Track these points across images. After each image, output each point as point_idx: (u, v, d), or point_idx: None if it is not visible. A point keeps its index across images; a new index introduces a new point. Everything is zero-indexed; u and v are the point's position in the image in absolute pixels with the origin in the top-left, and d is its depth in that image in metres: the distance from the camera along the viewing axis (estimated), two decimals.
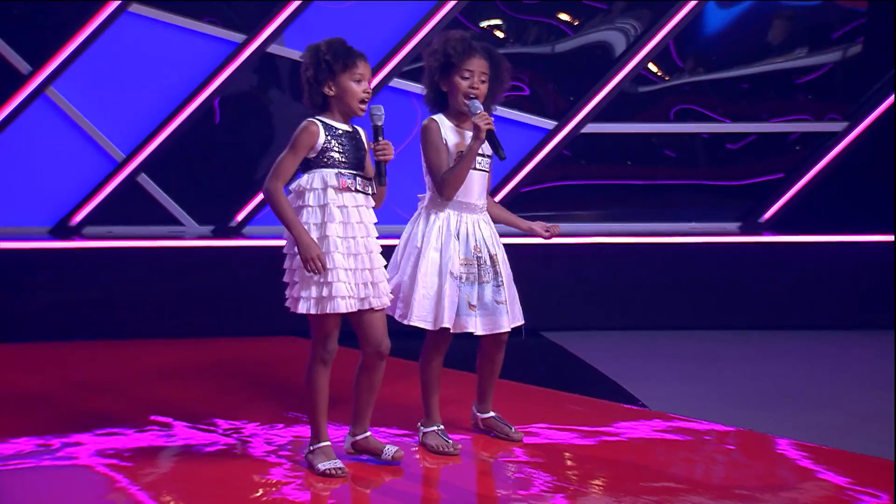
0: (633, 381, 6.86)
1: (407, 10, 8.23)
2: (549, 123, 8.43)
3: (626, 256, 8.28)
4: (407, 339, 5.64)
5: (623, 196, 8.76)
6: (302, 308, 5.01)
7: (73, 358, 7.32)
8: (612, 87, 8.44)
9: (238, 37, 8.14)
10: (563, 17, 8.62)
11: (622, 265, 8.27)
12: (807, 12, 8.81)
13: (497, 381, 5.70)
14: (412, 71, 8.18)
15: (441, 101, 5.45)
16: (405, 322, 5.39)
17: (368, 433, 5.32)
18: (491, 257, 5.42)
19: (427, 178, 5.43)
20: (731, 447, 5.82)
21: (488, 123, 5.28)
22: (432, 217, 5.40)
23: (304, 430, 5.62)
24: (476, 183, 5.41)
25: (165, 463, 5.37)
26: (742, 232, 8.59)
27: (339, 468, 5.13)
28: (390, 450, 5.26)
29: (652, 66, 8.62)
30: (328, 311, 5.00)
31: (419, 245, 5.37)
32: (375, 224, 5.13)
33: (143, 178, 8.14)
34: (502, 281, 5.43)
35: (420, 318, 5.35)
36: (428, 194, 5.45)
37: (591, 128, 8.48)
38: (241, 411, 6.09)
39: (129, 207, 8.12)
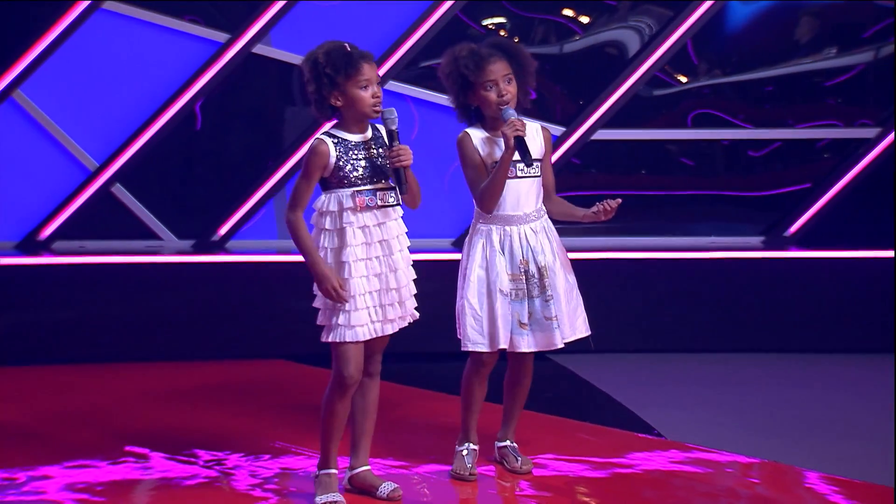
0: (648, 408, 6.85)
1: (403, 8, 8.22)
2: (557, 129, 8.41)
3: (639, 273, 8.26)
4: (404, 363, 5.62)
5: (636, 208, 8.73)
6: (326, 337, 5.09)
7: (40, 384, 7.30)
8: (624, 90, 8.43)
9: (221, 36, 8.13)
10: (572, 14, 8.61)
11: (635, 282, 8.25)
12: (836, 9, 8.80)
13: (497, 407, 5.69)
14: (409, 73, 8.16)
15: (475, 114, 5.50)
16: (462, 349, 5.44)
17: (367, 467, 5.32)
18: (539, 269, 5.43)
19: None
20: (755, 480, 5.79)
21: (517, 131, 5.30)
22: (476, 234, 5.47)
23: (293, 462, 5.61)
24: (524, 192, 5.44)
25: (141, 498, 5.35)
26: (766, 247, 8.56)
27: (336, 502, 5.12)
28: (386, 488, 5.25)
29: (668, 68, 8.61)
30: (347, 340, 5.04)
31: (465, 265, 5.45)
32: (407, 234, 5.20)
33: (118, 189, 8.12)
34: (550, 295, 5.44)
35: (474, 342, 5.40)
36: (475, 210, 5.51)
37: (601, 134, 8.47)
38: (224, 441, 6.06)
39: (102, 220, 8.11)
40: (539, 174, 5.50)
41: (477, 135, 5.44)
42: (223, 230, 8.23)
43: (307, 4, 8.16)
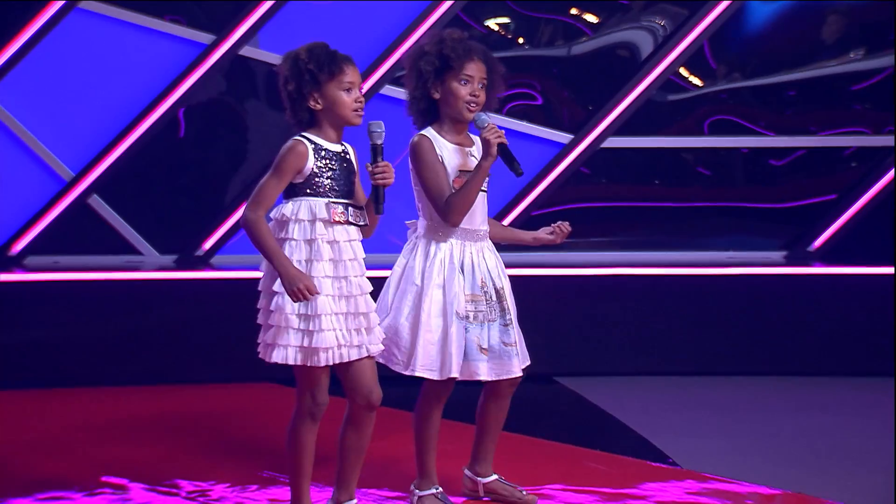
0: (661, 434, 6.84)
1: (402, 7, 8.23)
2: (565, 137, 8.41)
3: (653, 290, 8.25)
4: (400, 387, 5.60)
5: (650, 220, 8.74)
6: (277, 357, 4.92)
7: (10, 409, 7.29)
8: (637, 94, 8.43)
9: (206, 37, 8.14)
10: (580, 13, 8.62)
11: (648, 300, 8.25)
12: (862, 9, 8.81)
13: (502, 434, 5.66)
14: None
15: (432, 110, 5.42)
16: (406, 373, 5.34)
17: (355, 501, 5.26)
18: (497, 291, 5.39)
19: (422, 204, 5.39)
20: None
21: (499, 136, 5.26)
22: (433, 248, 5.36)
23: (282, 493, 5.60)
24: (479, 207, 5.40)
25: None
26: (788, 262, 8.57)
27: None
28: None
29: (683, 71, 8.61)
30: (309, 365, 4.94)
31: (419, 282, 5.33)
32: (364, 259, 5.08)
33: (95, 200, 8.12)
34: (510, 319, 5.39)
35: (425, 367, 5.31)
36: (423, 222, 5.41)
37: (612, 142, 8.47)
38: (209, 470, 6.05)
39: (78, 234, 8.12)
40: (487, 189, 5.44)
41: (439, 140, 5.35)
42: (208, 244, 8.23)
43: (297, 4, 8.16)
